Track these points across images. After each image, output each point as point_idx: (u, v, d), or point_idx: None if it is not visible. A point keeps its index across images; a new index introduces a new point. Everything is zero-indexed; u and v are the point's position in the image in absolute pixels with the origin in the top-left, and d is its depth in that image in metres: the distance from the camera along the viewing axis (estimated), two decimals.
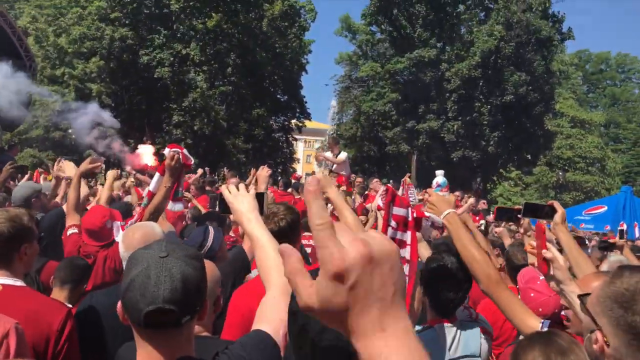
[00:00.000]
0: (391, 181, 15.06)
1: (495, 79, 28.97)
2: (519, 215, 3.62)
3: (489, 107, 29.15)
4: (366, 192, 10.51)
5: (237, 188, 2.08)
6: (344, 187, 9.49)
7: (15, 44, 16.50)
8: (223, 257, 3.31)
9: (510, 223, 3.72)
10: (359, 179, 11.88)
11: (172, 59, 28.05)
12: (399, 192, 9.54)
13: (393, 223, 2.38)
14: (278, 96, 34.33)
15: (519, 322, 2.22)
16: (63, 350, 2.25)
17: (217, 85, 29.26)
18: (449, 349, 2.55)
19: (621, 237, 5.30)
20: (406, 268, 2.35)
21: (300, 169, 47.25)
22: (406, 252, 2.38)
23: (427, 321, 2.68)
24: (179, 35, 28.99)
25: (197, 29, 28.61)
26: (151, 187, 3.98)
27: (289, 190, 10.36)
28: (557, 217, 2.84)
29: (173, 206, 4.10)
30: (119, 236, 3.18)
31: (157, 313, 1.39)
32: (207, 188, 10.55)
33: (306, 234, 5.44)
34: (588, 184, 36.71)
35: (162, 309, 1.39)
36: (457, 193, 12.22)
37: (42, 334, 2.21)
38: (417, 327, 2.60)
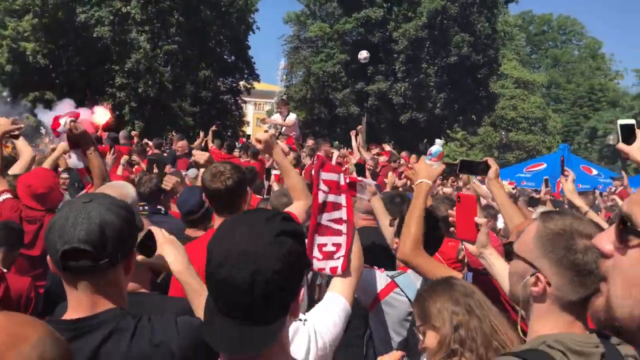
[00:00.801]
0: (343, 146, 15.15)
1: (442, 40, 29.27)
2: (489, 164, 3.82)
3: (435, 68, 29.50)
4: (316, 154, 10.56)
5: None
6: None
7: None
8: None
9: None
10: (310, 141, 11.91)
11: (111, 17, 26.72)
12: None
13: (324, 187, 2.43)
14: (225, 57, 33.48)
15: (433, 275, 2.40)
16: None
17: (160, 46, 28.22)
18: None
19: (546, 186, 5.73)
20: (344, 227, 2.42)
21: (250, 132, 46.73)
22: (342, 213, 2.44)
23: (397, 268, 2.91)
24: None
25: None
26: (75, 164, 3.76)
27: (235, 153, 10.27)
28: (491, 172, 2.98)
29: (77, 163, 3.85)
30: None
31: (73, 253, 1.46)
32: (156, 151, 10.34)
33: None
34: (530, 143, 38.07)
35: (77, 248, 1.46)
36: (403, 154, 12.47)
37: None
38: (391, 272, 2.80)
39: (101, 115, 7.55)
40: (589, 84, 48.73)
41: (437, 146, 2.77)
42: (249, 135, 14.57)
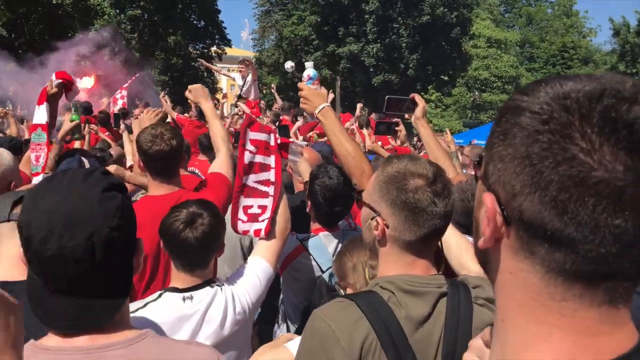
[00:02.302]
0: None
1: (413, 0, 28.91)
2: (397, 128, 3.74)
3: (407, 29, 29.20)
4: (280, 118, 10.43)
5: None
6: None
7: None
8: None
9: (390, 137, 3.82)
10: (276, 105, 11.74)
11: None
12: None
13: (251, 147, 2.36)
14: (194, 22, 32.67)
15: None
16: None
17: (125, 12, 27.36)
18: (333, 255, 2.68)
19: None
20: (271, 189, 2.37)
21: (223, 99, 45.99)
22: (271, 175, 2.39)
23: (311, 230, 2.81)
24: None
25: None
26: (39, 120, 3.72)
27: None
28: (418, 111, 2.91)
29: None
30: None
31: None
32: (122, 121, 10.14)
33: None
34: (503, 102, 38.22)
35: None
36: (372, 116, 12.39)
37: None
38: (301, 235, 2.71)
39: (87, 81, 7.39)
40: (561, 42, 48.78)
41: (312, 69, 2.60)
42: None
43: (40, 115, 3.69)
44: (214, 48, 33.73)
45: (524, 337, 0.67)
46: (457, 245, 1.91)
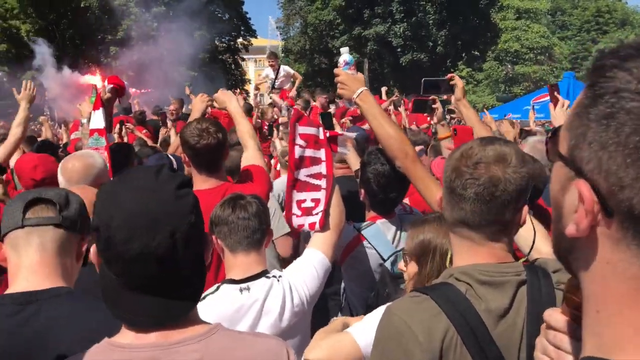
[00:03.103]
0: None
1: None
2: (433, 106, 3.63)
3: (433, 5, 28.65)
4: (311, 106, 10.37)
5: None
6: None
7: None
8: None
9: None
10: (305, 94, 11.69)
11: None
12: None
13: (301, 141, 2.33)
14: (219, 15, 32.81)
15: (431, 196, 2.23)
16: None
17: (150, 9, 27.66)
18: (392, 242, 2.64)
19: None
20: (323, 182, 2.34)
21: (252, 89, 46.25)
22: (322, 168, 2.36)
23: (367, 219, 2.75)
24: None
25: None
26: (96, 125, 3.83)
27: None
28: (458, 92, 2.83)
29: (111, 137, 3.97)
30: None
31: (36, 204, 1.50)
32: (155, 118, 10.27)
33: None
34: (537, 74, 37.25)
35: (41, 198, 1.51)
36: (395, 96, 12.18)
37: None
38: (359, 224, 2.66)
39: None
40: (595, 7, 47.05)
41: (347, 54, 2.55)
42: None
43: (97, 120, 3.77)
44: (239, 40, 33.85)
45: (627, 329, 0.63)
46: (529, 229, 1.80)
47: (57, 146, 5.24)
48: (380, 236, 2.64)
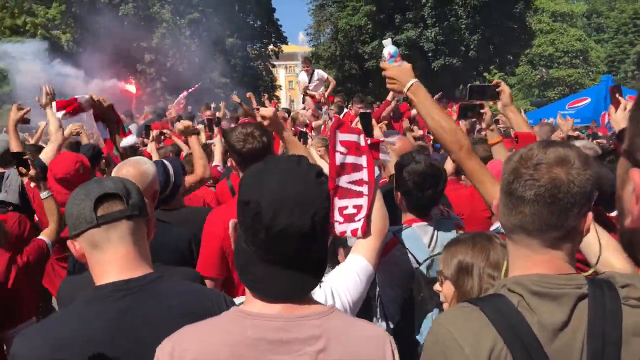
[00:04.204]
0: (377, 103, 14.85)
1: None
2: (482, 111, 3.59)
3: (466, 9, 28.36)
4: (345, 111, 10.37)
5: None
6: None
7: None
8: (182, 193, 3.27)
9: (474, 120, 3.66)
10: (338, 98, 11.71)
11: None
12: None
13: (341, 148, 2.31)
14: (250, 22, 33.19)
15: (485, 191, 2.18)
16: (10, 296, 2.26)
17: (184, 17, 28.16)
18: (429, 246, 2.62)
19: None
20: (365, 188, 2.32)
21: (283, 95, 46.60)
22: (364, 174, 2.33)
23: (402, 222, 2.73)
24: None
25: None
26: (103, 136, 3.93)
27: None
28: (505, 97, 2.77)
29: (126, 142, 4.01)
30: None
31: (105, 201, 1.51)
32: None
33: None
34: (572, 78, 36.49)
35: (109, 193, 1.53)
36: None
37: None
38: (394, 227, 2.65)
39: (130, 87, 7.75)
40: (632, 9, 45.82)
41: (392, 46, 2.48)
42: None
43: (102, 132, 3.91)
44: (270, 46, 34.15)
45: None
46: (595, 238, 1.69)
47: (100, 151, 5.39)
48: (416, 239, 2.62)
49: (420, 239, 2.64)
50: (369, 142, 2.39)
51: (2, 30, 26.31)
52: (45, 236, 3.33)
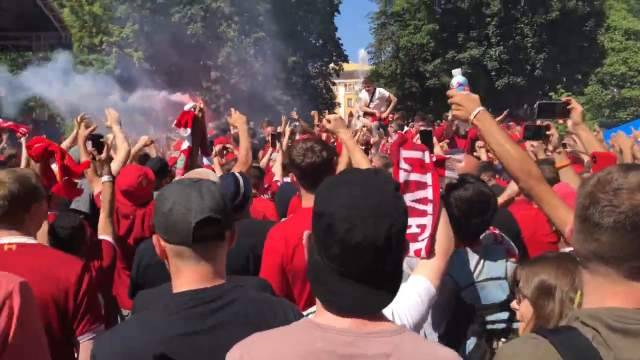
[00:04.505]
0: (445, 114, 14.67)
1: None
2: (547, 132, 3.45)
3: (533, 27, 27.66)
4: (406, 129, 10.30)
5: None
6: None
7: (49, 16, 16.79)
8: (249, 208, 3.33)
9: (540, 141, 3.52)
10: (398, 116, 11.67)
11: (202, 14, 27.88)
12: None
13: (405, 165, 2.27)
14: (312, 41, 33.72)
15: (556, 215, 2.10)
16: (84, 302, 2.31)
17: (250, 36, 28.99)
18: (474, 272, 2.55)
19: None
20: (430, 207, 2.26)
21: (342, 113, 46.84)
22: (428, 193, 2.27)
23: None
24: None
25: None
26: (186, 143, 4.09)
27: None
28: (576, 115, 2.65)
29: (205, 161, 4.18)
30: None
31: (204, 224, 1.48)
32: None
33: None
34: None
35: (211, 217, 1.49)
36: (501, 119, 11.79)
37: (60, 289, 2.26)
38: None
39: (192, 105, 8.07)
40: None
41: (461, 75, 2.46)
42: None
43: (186, 141, 4.06)
44: (331, 65, 34.51)
45: None
46: None
47: (167, 165, 5.61)
48: (461, 264, 2.54)
49: (466, 263, 2.56)
50: (434, 158, 2.35)
51: (80, 48, 27.95)
52: (105, 235, 3.39)
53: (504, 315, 2.50)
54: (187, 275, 1.54)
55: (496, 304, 2.52)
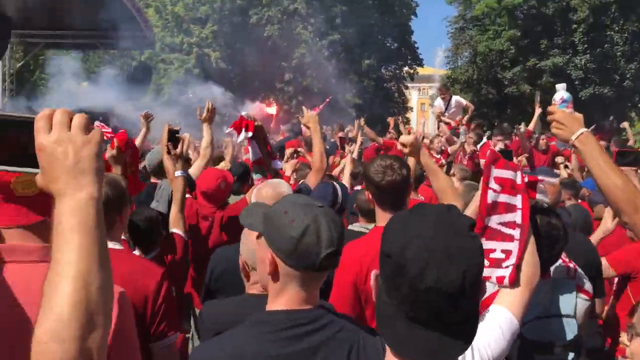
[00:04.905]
0: (517, 127, 14.09)
1: (632, 1, 25.70)
2: None
3: (623, 35, 26.10)
4: (485, 141, 9.87)
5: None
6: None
7: (135, 15, 17.58)
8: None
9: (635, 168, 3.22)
10: (474, 125, 11.24)
11: (280, 15, 28.35)
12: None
13: (495, 185, 2.11)
14: (387, 44, 33.47)
15: None
16: (161, 310, 2.34)
17: (325, 38, 29.21)
18: (541, 307, 2.40)
19: None
20: (517, 232, 2.10)
21: (414, 118, 46.24)
22: (517, 216, 2.11)
23: None
24: None
25: None
26: (252, 157, 4.13)
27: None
28: None
29: (277, 164, 4.21)
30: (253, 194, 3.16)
31: (330, 255, 1.53)
32: None
33: None
34: None
35: (337, 251, 1.54)
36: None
37: (140, 295, 2.29)
38: None
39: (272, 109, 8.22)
40: None
41: (565, 91, 2.27)
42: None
43: (254, 152, 4.09)
44: (405, 68, 34.12)
45: None
46: None
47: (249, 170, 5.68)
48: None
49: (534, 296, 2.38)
50: (526, 179, 2.18)
51: (162, 47, 29.16)
52: (177, 228, 3.44)
53: (570, 355, 2.37)
54: (291, 296, 1.57)
55: (561, 343, 2.38)
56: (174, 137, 3.76)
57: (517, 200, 2.13)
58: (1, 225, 1.32)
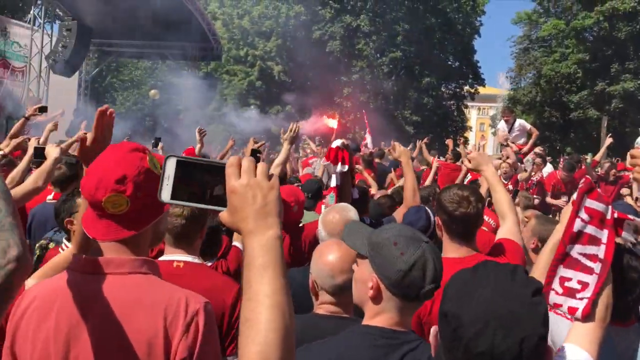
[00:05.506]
0: (583, 157, 13.64)
1: None
2: None
3: None
4: (551, 171, 9.56)
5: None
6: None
7: (204, 28, 18.20)
8: None
9: None
10: (539, 150, 10.93)
11: (342, 32, 28.63)
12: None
13: (585, 215, 2.07)
14: (449, 62, 33.12)
15: None
16: (236, 325, 2.37)
17: (386, 54, 29.23)
18: (623, 357, 2.28)
19: None
20: (597, 266, 2.04)
21: (472, 137, 45.35)
22: (600, 251, 2.05)
23: None
24: (349, 7, 29.39)
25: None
26: (333, 182, 4.07)
27: (459, 162, 9.92)
28: None
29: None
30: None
31: (432, 290, 1.64)
32: (377, 161, 10.61)
33: None
34: None
35: (437, 286, 1.63)
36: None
37: (218, 310, 2.33)
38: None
39: (332, 122, 8.29)
40: None
41: None
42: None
43: (334, 178, 4.02)
44: (466, 87, 33.62)
45: None
46: None
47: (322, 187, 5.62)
48: (610, 349, 2.17)
49: (614, 346, 2.26)
50: (615, 215, 2.13)
51: (227, 59, 30.01)
52: (238, 242, 3.42)
53: None
54: (389, 318, 1.67)
55: None
56: (255, 155, 3.78)
57: (603, 235, 2.08)
58: (98, 239, 1.47)
